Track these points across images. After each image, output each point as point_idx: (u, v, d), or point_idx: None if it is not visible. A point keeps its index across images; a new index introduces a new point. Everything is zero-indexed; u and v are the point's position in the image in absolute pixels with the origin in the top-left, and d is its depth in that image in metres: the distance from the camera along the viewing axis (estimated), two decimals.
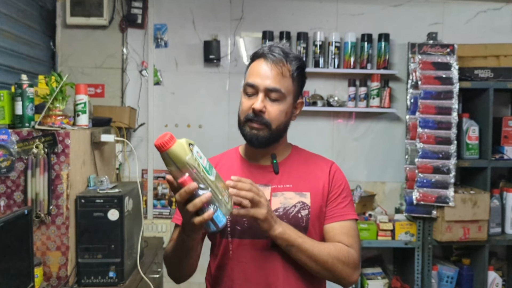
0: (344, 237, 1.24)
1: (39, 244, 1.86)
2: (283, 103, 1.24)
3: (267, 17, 3.12)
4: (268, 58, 1.23)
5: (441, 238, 2.72)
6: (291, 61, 1.24)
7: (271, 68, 1.22)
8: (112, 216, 1.92)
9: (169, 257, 1.26)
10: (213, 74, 3.15)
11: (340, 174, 1.33)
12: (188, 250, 1.18)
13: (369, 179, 3.18)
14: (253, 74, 1.25)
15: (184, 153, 0.97)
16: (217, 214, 1.00)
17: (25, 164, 1.83)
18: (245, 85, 1.26)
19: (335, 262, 1.18)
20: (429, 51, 2.78)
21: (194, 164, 0.98)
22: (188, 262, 1.23)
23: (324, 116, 3.15)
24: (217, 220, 1.00)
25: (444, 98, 2.73)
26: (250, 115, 1.22)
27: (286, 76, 1.23)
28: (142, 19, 3.08)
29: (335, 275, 1.19)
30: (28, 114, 1.90)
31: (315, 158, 1.36)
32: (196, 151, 1.01)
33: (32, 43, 2.79)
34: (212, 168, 1.04)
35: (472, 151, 2.84)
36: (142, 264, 2.15)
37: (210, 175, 1.01)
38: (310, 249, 1.16)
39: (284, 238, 1.14)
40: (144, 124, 3.12)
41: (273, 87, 1.22)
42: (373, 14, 3.14)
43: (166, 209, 3.12)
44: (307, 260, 1.17)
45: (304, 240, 1.16)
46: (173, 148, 0.97)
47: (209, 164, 1.04)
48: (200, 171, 0.99)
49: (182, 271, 1.27)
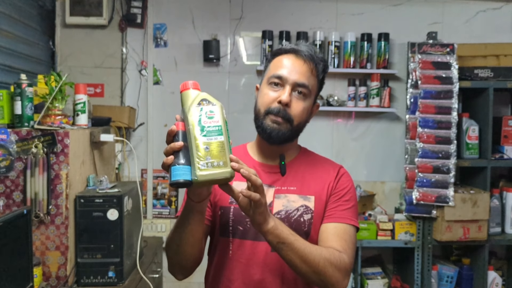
0: (337, 240, 1.17)
1: (38, 244, 1.86)
2: (307, 101, 1.23)
3: (267, 17, 3.12)
4: (300, 53, 1.22)
5: (441, 238, 2.71)
6: (319, 61, 1.24)
7: (303, 63, 1.21)
8: (112, 216, 1.92)
9: (169, 242, 1.19)
10: (212, 74, 3.14)
11: (347, 178, 1.29)
12: (186, 226, 1.11)
13: (368, 178, 3.18)
14: (281, 67, 1.22)
15: (188, 102, 1.00)
16: (177, 167, 0.96)
17: (24, 163, 1.83)
18: (271, 76, 1.22)
19: (327, 265, 1.09)
20: (429, 51, 2.78)
21: (188, 114, 0.99)
22: (186, 245, 1.13)
23: (323, 116, 3.15)
24: (173, 172, 0.97)
25: (444, 98, 2.73)
26: (273, 108, 1.19)
27: (314, 75, 1.23)
28: (142, 19, 3.08)
29: (324, 280, 1.10)
30: (27, 113, 1.90)
31: (323, 161, 1.33)
32: (208, 110, 1.00)
33: (32, 43, 2.79)
34: (213, 133, 0.98)
35: (472, 151, 2.84)
36: (141, 264, 2.15)
37: (202, 135, 0.97)
38: (302, 247, 1.07)
39: (275, 234, 1.05)
40: (143, 123, 3.12)
41: (302, 82, 1.20)
42: (372, 13, 3.13)
43: (166, 209, 3.12)
44: (297, 261, 1.07)
45: (296, 238, 1.08)
46: (184, 93, 1.03)
47: (217, 129, 0.99)
48: (189, 123, 0.98)
49: (180, 256, 1.17)
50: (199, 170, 0.96)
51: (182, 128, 1.00)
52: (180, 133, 1.00)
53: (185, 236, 1.12)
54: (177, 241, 1.15)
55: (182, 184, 0.96)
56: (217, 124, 1.00)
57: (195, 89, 1.03)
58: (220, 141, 0.98)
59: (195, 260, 1.20)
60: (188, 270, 1.22)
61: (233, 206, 1.23)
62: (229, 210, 1.23)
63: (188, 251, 1.15)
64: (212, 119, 1.00)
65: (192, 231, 1.12)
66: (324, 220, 1.22)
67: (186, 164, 0.97)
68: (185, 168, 0.97)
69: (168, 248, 1.20)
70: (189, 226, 1.11)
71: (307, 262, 1.08)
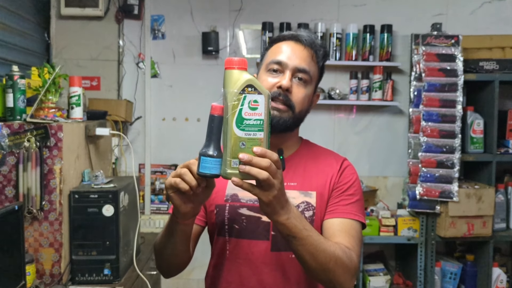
0: (345, 237, 1.09)
1: (31, 241, 1.81)
2: (308, 88, 1.17)
3: (267, 8, 3.05)
4: (300, 39, 1.17)
5: (445, 234, 2.66)
6: (320, 48, 1.19)
7: (303, 49, 1.17)
8: (107, 211, 1.87)
9: (156, 245, 1.18)
10: (211, 67, 3.08)
11: (351, 171, 1.21)
12: (170, 238, 1.08)
13: (371, 173, 3.12)
14: (280, 52, 1.17)
15: (230, 85, 0.88)
16: (207, 159, 0.89)
17: (16, 158, 1.77)
18: (270, 62, 1.16)
19: (338, 264, 1.01)
20: (433, 43, 2.71)
21: (227, 101, 0.87)
22: (171, 254, 1.12)
23: (325, 109, 3.09)
24: (202, 164, 0.89)
25: (448, 91, 2.67)
26: (273, 92, 1.13)
27: (314, 61, 1.18)
28: (139, 10, 3.01)
29: (332, 279, 1.03)
30: (19, 106, 1.84)
31: (326, 154, 1.26)
32: (252, 99, 0.88)
33: (26, 34, 2.72)
34: (253, 128, 0.88)
35: (477, 145, 2.78)
36: (138, 261, 2.10)
37: (240, 128, 0.87)
38: (314, 244, 0.98)
39: (286, 226, 0.96)
40: (141, 117, 3.06)
41: (303, 68, 1.15)
42: (375, 4, 3.07)
43: (164, 204, 3.07)
44: (307, 257, 0.99)
45: (309, 234, 0.98)
46: (228, 72, 0.89)
47: (259, 123, 0.88)
48: (228, 111, 0.87)
49: (165, 261, 1.16)
50: (229, 168, 0.88)
51: (219, 112, 0.89)
52: (216, 119, 0.90)
53: (170, 247, 1.10)
54: (162, 248, 1.13)
55: (209, 176, 0.90)
56: (260, 117, 0.88)
57: (240, 69, 0.89)
58: (259, 139, 0.88)
59: (179, 266, 1.18)
60: (172, 273, 1.20)
61: (229, 204, 1.18)
62: (224, 208, 1.18)
63: (171, 259, 1.14)
64: (255, 110, 0.88)
65: (177, 245, 1.09)
66: (326, 216, 1.15)
67: (217, 157, 0.89)
68: (215, 161, 0.89)
69: (155, 249, 1.19)
70: (174, 240, 1.08)
71: (318, 259, 1.00)
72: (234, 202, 1.18)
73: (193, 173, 0.92)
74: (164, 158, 3.08)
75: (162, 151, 3.08)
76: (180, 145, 3.06)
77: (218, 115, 0.90)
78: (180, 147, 3.05)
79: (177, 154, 3.06)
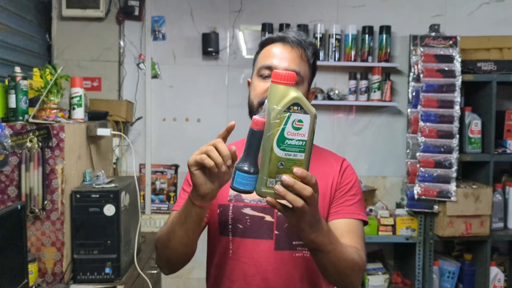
0: (352, 237, 1.12)
1: (33, 240, 1.83)
2: (301, 88, 1.17)
3: (267, 9, 3.07)
4: (287, 40, 1.17)
5: (443, 233, 2.68)
6: (308, 46, 1.19)
7: (291, 50, 1.17)
8: (108, 211, 1.89)
9: (161, 236, 1.14)
10: (211, 67, 3.10)
11: (351, 171, 1.25)
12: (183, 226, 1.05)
13: (369, 173, 3.14)
14: (270, 56, 1.18)
15: (274, 100, 0.84)
16: (243, 175, 0.85)
17: (18, 158, 1.80)
18: (260, 67, 1.18)
19: (355, 269, 1.05)
20: (431, 44, 2.73)
21: (270, 117, 0.83)
22: (180, 243, 1.08)
23: (324, 110, 3.11)
24: (237, 179, 0.86)
25: (446, 91, 2.69)
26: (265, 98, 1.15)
27: (304, 61, 1.18)
28: (139, 11, 3.03)
29: (347, 282, 1.07)
30: (21, 107, 1.86)
31: (325, 154, 1.28)
32: (297, 119, 0.83)
33: (28, 36, 2.74)
34: (294, 149, 0.84)
35: (475, 145, 2.80)
36: (139, 260, 2.12)
37: (281, 148, 0.83)
38: (338, 255, 1.00)
39: (314, 242, 0.96)
40: (141, 118, 3.08)
41: (292, 69, 1.14)
42: (374, 6, 3.09)
43: (165, 204, 3.09)
44: (328, 265, 1.01)
45: (335, 248, 0.99)
46: (274, 87, 0.85)
47: (301, 144, 0.84)
48: (269, 129, 0.83)
49: (170, 252, 1.12)
50: (264, 187, 0.85)
51: (260, 127, 0.85)
52: (257, 134, 0.86)
53: (180, 234, 1.07)
54: (170, 238, 1.09)
55: (243, 192, 0.88)
56: (303, 138, 0.84)
57: (288, 85, 0.85)
58: (299, 160, 0.84)
59: (185, 258, 1.15)
60: (175, 267, 1.18)
61: (232, 204, 1.19)
62: (228, 208, 1.19)
63: (180, 249, 1.11)
64: (298, 130, 0.84)
65: (188, 232, 1.06)
66: (331, 216, 1.18)
67: (253, 173, 0.86)
68: (251, 178, 0.86)
69: (159, 241, 1.15)
70: (186, 226, 1.05)
71: (338, 268, 1.03)
72: (238, 202, 1.19)
73: (219, 151, 0.92)
74: (165, 158, 3.10)
75: (162, 151, 3.10)
76: (180, 145, 3.08)
77: (259, 129, 0.86)
78: (180, 147, 3.08)
79: (178, 154, 3.08)
